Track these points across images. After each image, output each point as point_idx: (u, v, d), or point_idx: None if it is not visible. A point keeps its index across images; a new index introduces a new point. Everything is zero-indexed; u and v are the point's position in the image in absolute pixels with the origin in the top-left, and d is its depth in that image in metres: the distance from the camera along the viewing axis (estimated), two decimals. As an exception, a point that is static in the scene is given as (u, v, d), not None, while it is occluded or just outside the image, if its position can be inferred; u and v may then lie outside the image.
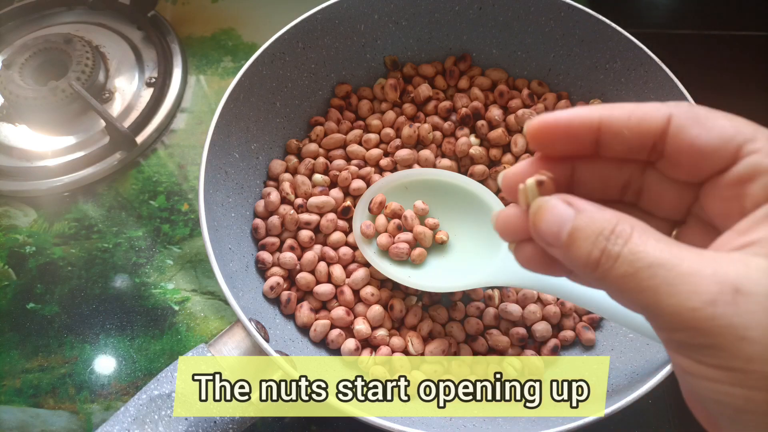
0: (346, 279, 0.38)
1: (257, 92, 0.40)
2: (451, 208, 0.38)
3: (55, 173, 0.49)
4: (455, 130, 0.44)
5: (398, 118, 0.44)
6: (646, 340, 0.35)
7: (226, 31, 0.57)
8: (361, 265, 0.39)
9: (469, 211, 0.38)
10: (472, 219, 0.38)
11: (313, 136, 0.43)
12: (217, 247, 0.33)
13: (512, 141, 0.43)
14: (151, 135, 0.51)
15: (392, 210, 0.38)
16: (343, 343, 0.36)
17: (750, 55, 0.56)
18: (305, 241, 0.39)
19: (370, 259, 0.37)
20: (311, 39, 0.42)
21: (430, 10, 0.44)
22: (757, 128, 0.16)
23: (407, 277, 0.37)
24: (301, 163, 0.42)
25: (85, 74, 0.51)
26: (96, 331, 0.42)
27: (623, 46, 0.40)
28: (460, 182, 0.38)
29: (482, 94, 0.44)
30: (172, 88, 0.53)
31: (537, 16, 0.42)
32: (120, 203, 0.48)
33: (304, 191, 0.40)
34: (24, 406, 0.40)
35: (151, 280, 0.44)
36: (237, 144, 0.39)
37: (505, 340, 0.37)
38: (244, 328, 0.31)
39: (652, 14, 0.60)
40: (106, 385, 0.41)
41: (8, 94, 0.50)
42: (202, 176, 0.35)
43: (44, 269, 0.45)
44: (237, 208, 0.39)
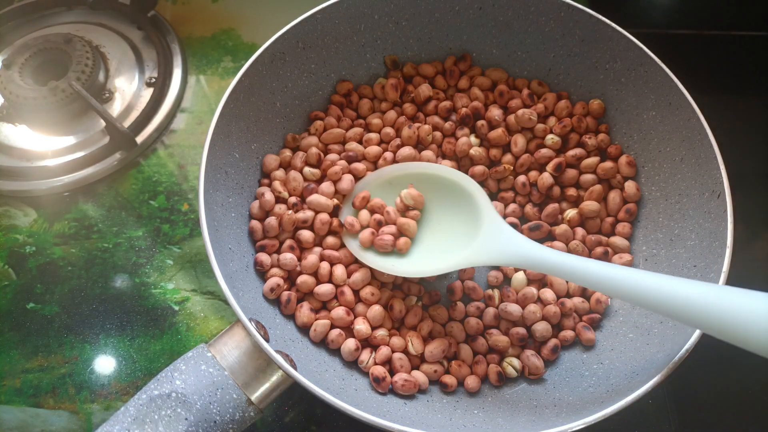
0: (347, 279, 0.38)
1: (257, 92, 0.40)
2: (436, 198, 0.39)
3: (55, 173, 0.49)
4: (455, 130, 0.44)
5: (398, 118, 0.44)
6: (646, 340, 0.35)
7: (226, 31, 0.57)
8: (361, 265, 0.39)
9: (451, 198, 0.39)
10: (454, 205, 0.38)
11: (312, 130, 0.43)
12: (217, 247, 0.33)
13: (512, 141, 0.43)
14: (151, 135, 0.51)
15: (372, 206, 0.39)
16: (343, 344, 0.36)
17: (750, 55, 0.56)
18: (305, 241, 0.39)
19: (354, 252, 0.38)
20: (311, 39, 0.42)
21: (430, 10, 0.44)
22: None
23: (391, 266, 0.37)
24: (296, 154, 0.42)
25: (85, 74, 0.51)
26: (96, 331, 0.42)
27: (623, 46, 0.40)
28: (442, 173, 0.39)
29: (482, 94, 0.44)
30: (172, 88, 0.53)
31: (537, 16, 0.42)
32: (120, 203, 0.48)
33: (293, 187, 0.40)
34: (24, 406, 0.40)
35: (151, 280, 0.44)
36: (237, 144, 0.39)
37: (505, 340, 0.37)
38: (244, 328, 0.31)
39: (652, 14, 0.60)
40: (106, 385, 0.41)
41: (8, 94, 0.50)
42: (202, 176, 0.35)
43: (44, 269, 0.45)
44: (237, 208, 0.39)
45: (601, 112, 0.43)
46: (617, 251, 0.40)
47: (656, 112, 0.39)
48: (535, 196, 0.42)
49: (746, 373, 0.41)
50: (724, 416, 0.40)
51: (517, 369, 0.37)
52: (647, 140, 0.41)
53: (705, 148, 0.36)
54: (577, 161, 0.42)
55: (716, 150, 0.35)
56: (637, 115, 0.41)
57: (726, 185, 0.34)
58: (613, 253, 0.40)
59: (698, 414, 0.40)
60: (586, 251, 0.40)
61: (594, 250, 0.40)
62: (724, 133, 0.36)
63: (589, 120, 0.43)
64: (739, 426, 0.40)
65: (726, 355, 0.41)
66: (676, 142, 0.38)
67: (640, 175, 0.41)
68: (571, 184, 0.42)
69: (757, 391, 0.41)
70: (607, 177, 0.42)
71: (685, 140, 0.37)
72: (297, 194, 0.40)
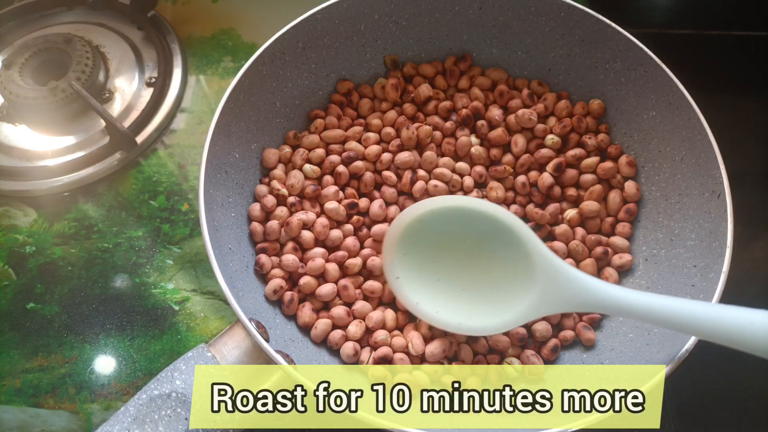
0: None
1: (257, 92, 0.40)
2: (475, 238, 0.35)
3: (55, 173, 0.49)
4: (455, 130, 0.44)
5: (398, 118, 0.44)
6: (646, 341, 0.35)
7: (226, 31, 0.57)
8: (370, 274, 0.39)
9: (493, 238, 0.34)
10: (498, 246, 0.34)
11: (312, 128, 0.43)
12: (217, 247, 0.33)
13: (512, 141, 0.43)
14: (151, 135, 0.51)
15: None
16: (344, 344, 0.36)
17: (750, 55, 0.56)
18: (306, 242, 0.39)
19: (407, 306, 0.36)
20: (311, 39, 0.42)
21: (430, 10, 0.44)
22: None
23: (435, 312, 0.35)
24: (296, 152, 0.42)
25: (85, 74, 0.51)
26: (96, 331, 0.42)
27: (623, 46, 0.40)
28: (480, 207, 0.34)
29: (482, 94, 0.44)
30: (172, 88, 0.53)
31: (537, 16, 0.42)
32: (120, 203, 0.48)
33: (292, 184, 0.40)
34: (24, 406, 0.40)
35: (151, 280, 0.44)
36: (237, 144, 0.39)
37: (505, 340, 0.37)
38: (244, 328, 0.31)
39: (652, 14, 0.60)
40: (106, 385, 0.41)
41: (8, 94, 0.50)
42: (202, 176, 0.35)
43: (44, 269, 0.45)
44: (237, 207, 0.39)
45: (601, 112, 0.43)
46: (617, 251, 0.40)
47: (656, 112, 0.39)
48: (536, 197, 0.42)
49: (746, 373, 0.41)
50: (724, 416, 0.40)
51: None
52: (647, 140, 0.41)
53: (705, 148, 0.36)
54: (577, 161, 0.42)
55: (716, 150, 0.35)
56: (637, 115, 0.41)
57: (726, 185, 0.34)
58: (613, 253, 0.40)
59: (698, 414, 0.40)
60: (586, 251, 0.40)
61: (594, 250, 0.40)
62: (724, 133, 0.36)
63: (589, 120, 0.43)
64: (739, 426, 0.40)
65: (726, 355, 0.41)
66: (676, 142, 0.38)
67: (640, 175, 0.41)
68: (571, 184, 0.42)
69: (757, 391, 0.41)
70: (607, 177, 0.42)
71: (685, 140, 0.37)
72: (296, 192, 0.40)
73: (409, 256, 0.36)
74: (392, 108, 0.44)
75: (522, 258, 0.33)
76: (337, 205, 0.40)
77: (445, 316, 0.35)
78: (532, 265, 0.32)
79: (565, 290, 0.31)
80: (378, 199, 0.41)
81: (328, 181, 0.41)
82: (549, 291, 0.32)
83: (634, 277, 0.39)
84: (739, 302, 0.26)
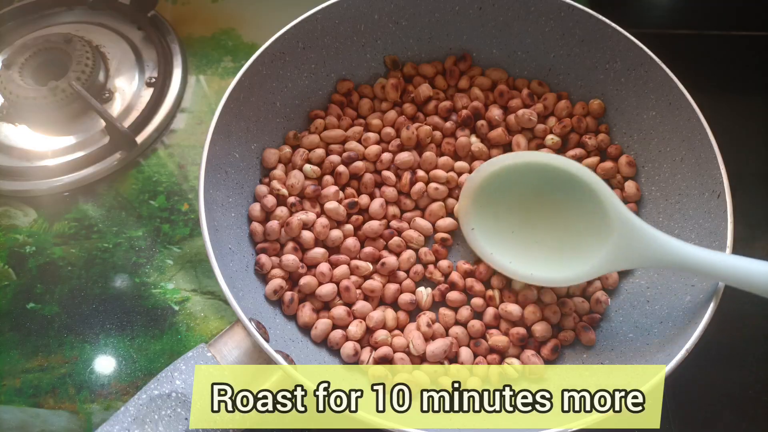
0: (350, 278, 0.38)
1: (257, 92, 0.40)
2: (552, 193, 0.36)
3: (55, 173, 0.49)
4: (455, 130, 0.44)
5: (398, 117, 0.44)
6: (646, 340, 0.35)
7: (226, 31, 0.57)
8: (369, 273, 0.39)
9: (570, 193, 0.35)
10: (574, 200, 0.35)
11: (312, 128, 0.43)
12: (217, 247, 0.33)
13: (513, 141, 0.43)
14: (151, 135, 0.51)
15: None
16: (344, 344, 0.36)
17: (750, 55, 0.55)
18: (306, 242, 0.39)
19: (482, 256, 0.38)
20: (311, 39, 0.42)
21: (430, 10, 0.44)
22: None
23: (508, 263, 0.36)
24: (296, 152, 0.42)
25: (85, 74, 0.51)
26: (96, 331, 0.42)
27: (623, 46, 0.40)
28: (557, 163, 0.35)
29: (482, 94, 0.44)
30: (172, 88, 0.53)
31: (537, 16, 0.42)
32: (120, 203, 0.48)
33: (292, 184, 0.40)
34: (24, 406, 0.40)
35: (151, 280, 0.44)
36: (237, 144, 0.39)
37: (505, 340, 0.37)
38: (244, 328, 0.31)
39: (652, 14, 0.60)
40: (106, 385, 0.41)
41: (8, 94, 0.50)
42: (202, 176, 0.35)
43: (44, 269, 0.45)
44: (237, 207, 0.39)
45: (601, 112, 0.43)
46: (617, 251, 0.40)
47: (656, 112, 0.39)
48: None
49: (746, 373, 0.41)
50: (724, 416, 0.40)
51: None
52: (647, 140, 0.41)
53: (705, 148, 0.36)
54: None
55: (716, 150, 0.35)
56: (637, 115, 0.41)
57: (726, 185, 0.34)
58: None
59: (698, 414, 0.40)
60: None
61: (594, 250, 0.40)
62: (724, 133, 0.36)
63: (589, 120, 0.43)
64: (739, 426, 0.40)
65: (726, 355, 0.41)
66: (676, 142, 0.38)
67: (640, 175, 0.41)
68: (571, 184, 0.42)
69: (757, 391, 0.41)
70: (607, 177, 0.42)
71: (685, 140, 0.37)
72: (296, 192, 0.40)
73: (484, 209, 0.37)
74: (392, 108, 0.44)
75: (597, 213, 0.33)
76: (337, 205, 0.40)
77: (517, 267, 0.36)
78: (607, 220, 0.33)
79: (642, 246, 0.31)
80: (378, 198, 0.41)
81: (328, 181, 0.41)
82: (625, 246, 0.32)
83: (634, 276, 0.39)
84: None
